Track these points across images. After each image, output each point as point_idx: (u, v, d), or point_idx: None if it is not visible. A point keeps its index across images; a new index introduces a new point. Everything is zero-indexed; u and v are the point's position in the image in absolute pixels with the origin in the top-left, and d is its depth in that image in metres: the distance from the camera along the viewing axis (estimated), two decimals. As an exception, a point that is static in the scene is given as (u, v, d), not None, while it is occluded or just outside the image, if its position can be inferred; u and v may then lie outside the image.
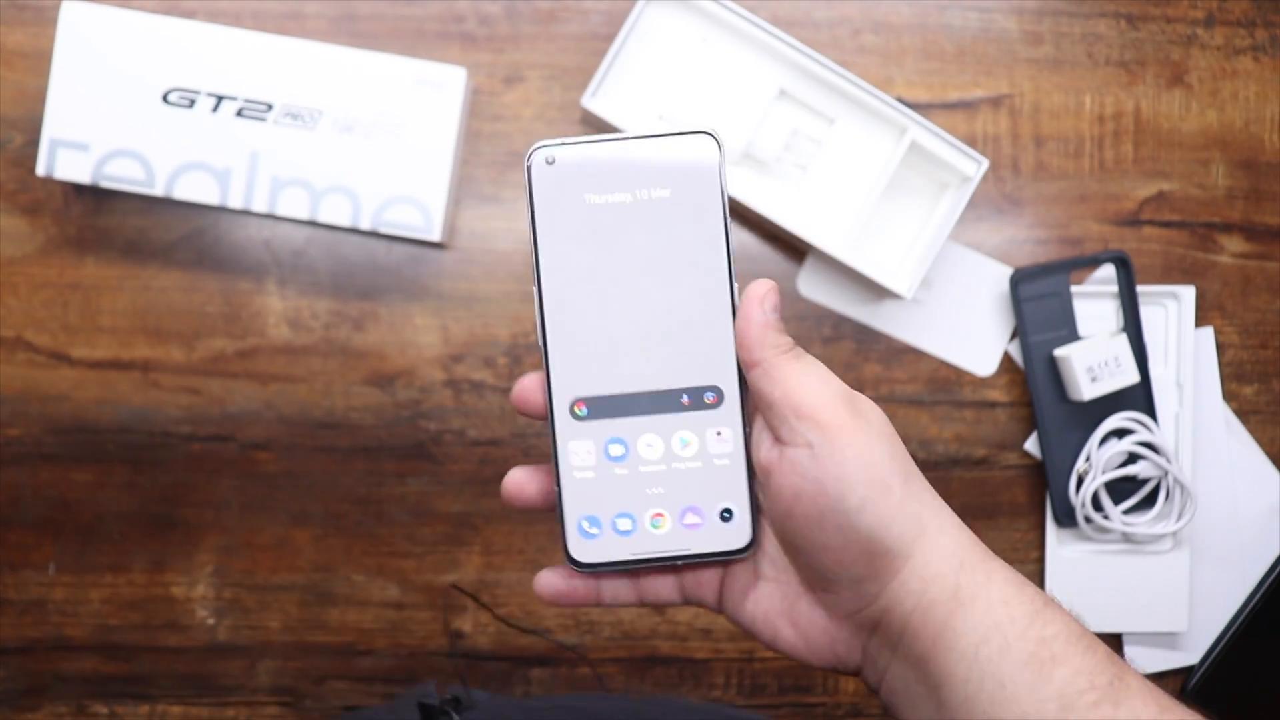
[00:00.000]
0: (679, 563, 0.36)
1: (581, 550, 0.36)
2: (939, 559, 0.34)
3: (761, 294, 0.35)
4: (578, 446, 0.36)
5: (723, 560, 0.36)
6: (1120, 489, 0.65)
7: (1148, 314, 0.65)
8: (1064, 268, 0.64)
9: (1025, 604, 0.33)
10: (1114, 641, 0.67)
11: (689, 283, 0.35)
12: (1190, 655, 0.67)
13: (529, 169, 0.35)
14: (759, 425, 0.36)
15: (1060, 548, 0.66)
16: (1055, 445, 0.65)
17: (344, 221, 0.58)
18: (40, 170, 0.58)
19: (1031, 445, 0.66)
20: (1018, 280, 0.64)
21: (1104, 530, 0.65)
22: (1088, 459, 0.64)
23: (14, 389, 0.63)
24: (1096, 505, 0.65)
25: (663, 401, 0.36)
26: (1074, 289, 0.65)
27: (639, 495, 0.36)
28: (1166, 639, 0.67)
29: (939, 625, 0.33)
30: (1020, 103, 0.65)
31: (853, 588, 0.35)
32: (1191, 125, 0.66)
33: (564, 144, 0.35)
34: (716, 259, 0.35)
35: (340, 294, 0.64)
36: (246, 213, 0.60)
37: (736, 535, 0.36)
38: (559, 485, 0.36)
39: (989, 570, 0.34)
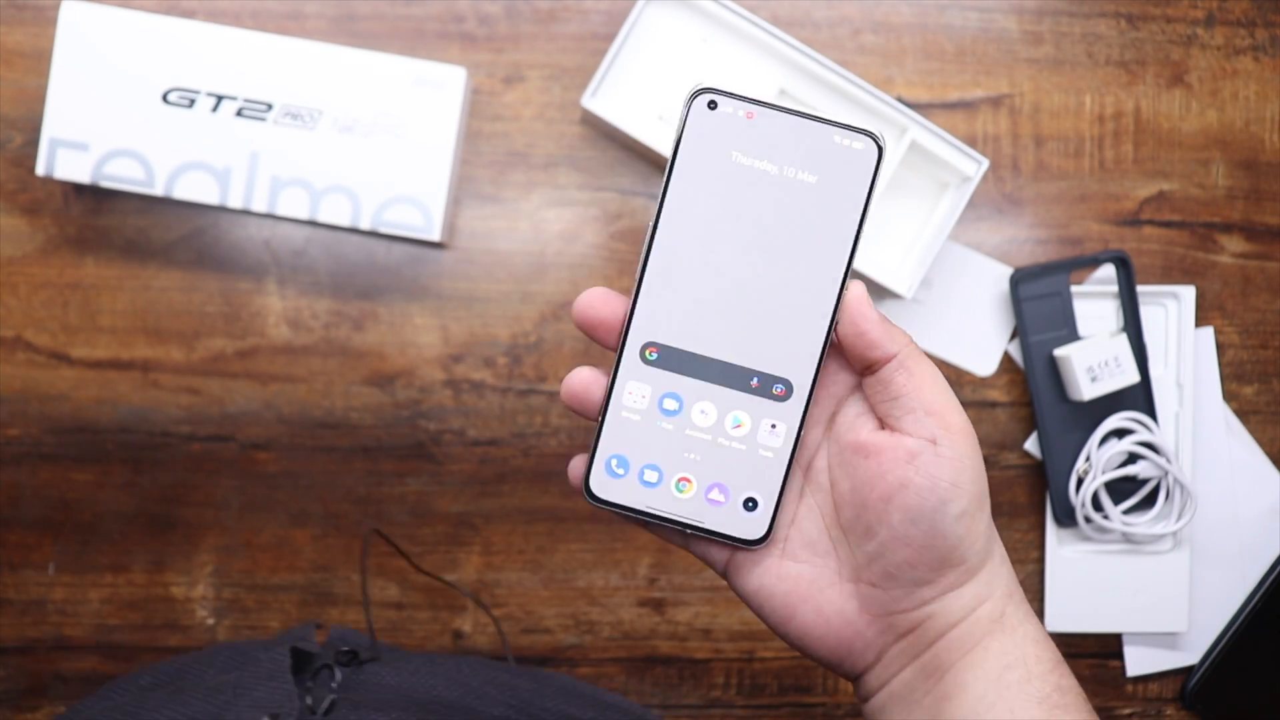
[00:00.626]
0: (687, 531, 0.36)
1: (602, 485, 0.36)
2: (997, 582, 0.35)
3: (864, 295, 0.35)
4: (635, 387, 0.36)
5: (731, 544, 0.36)
6: (1120, 489, 0.65)
7: (1148, 314, 0.65)
8: (1064, 268, 0.64)
9: (1051, 650, 0.35)
10: (1114, 642, 0.67)
11: (801, 273, 0.35)
12: (1190, 655, 0.67)
13: (688, 107, 0.35)
14: (858, 410, 0.36)
15: (1060, 547, 0.66)
16: (1055, 445, 0.65)
17: (344, 221, 0.58)
18: (40, 170, 0.58)
19: (1031, 445, 0.66)
20: (1018, 280, 0.64)
21: (1104, 530, 0.65)
22: (1088, 459, 0.64)
23: (14, 389, 0.63)
24: (1096, 505, 0.65)
25: (733, 376, 0.36)
26: (1074, 289, 0.65)
27: (675, 455, 0.36)
28: (1166, 639, 0.67)
29: (974, 643, 0.34)
30: (1020, 102, 0.65)
31: (910, 589, 0.35)
32: (1192, 125, 0.66)
33: (732, 95, 0.35)
34: (837, 260, 0.35)
35: (340, 294, 0.64)
36: (246, 212, 0.60)
37: (754, 526, 0.36)
38: (604, 415, 0.36)
39: (1027, 611, 0.36)
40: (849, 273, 0.35)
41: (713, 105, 0.35)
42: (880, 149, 0.35)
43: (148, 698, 0.44)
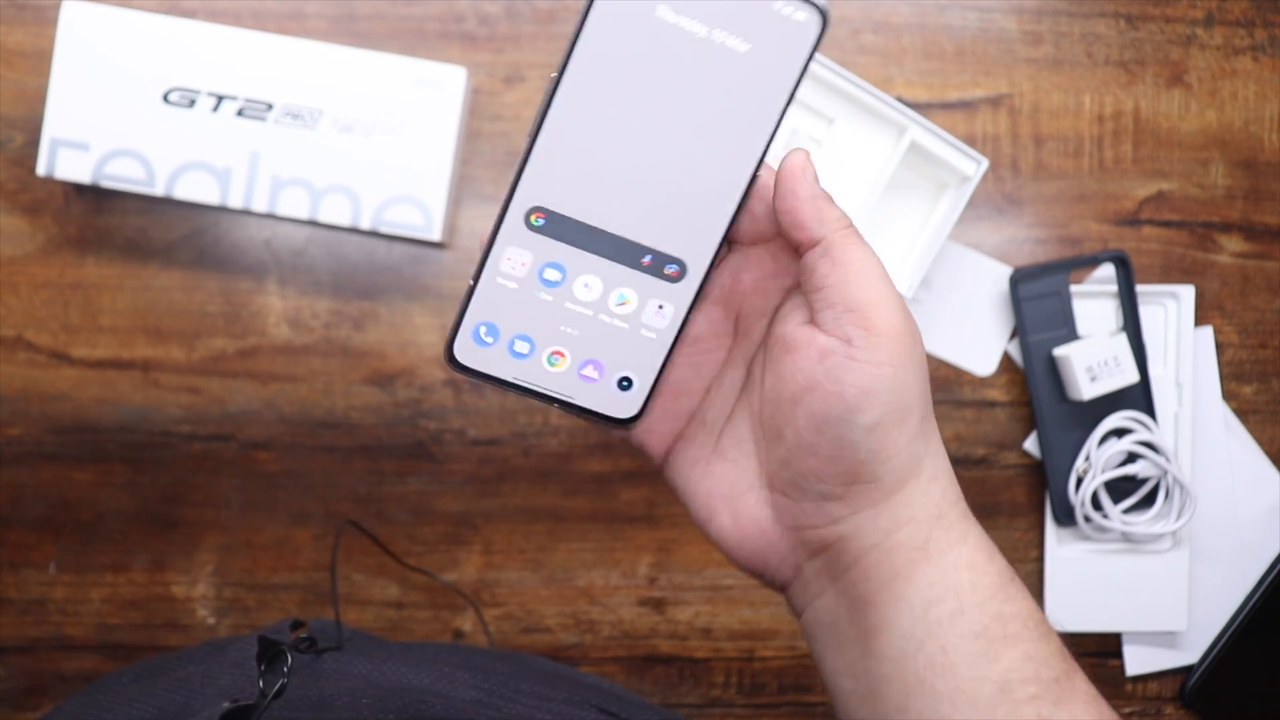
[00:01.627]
0: (556, 405, 0.34)
1: (466, 351, 0.34)
2: (920, 504, 0.31)
3: (802, 165, 0.31)
4: (515, 253, 0.33)
5: (601, 422, 0.34)
6: (1120, 488, 0.65)
7: (1147, 313, 0.65)
8: (1063, 267, 0.64)
9: (992, 575, 0.31)
10: (1114, 641, 0.67)
11: (715, 149, 0.32)
12: (1189, 655, 0.67)
13: None
14: (797, 301, 0.33)
15: (1060, 547, 0.66)
16: (1055, 444, 0.65)
17: (344, 221, 0.58)
18: (40, 170, 0.58)
19: (1031, 445, 0.66)
20: (1017, 280, 0.64)
21: (1103, 530, 0.65)
22: (1087, 458, 0.64)
23: (14, 388, 0.63)
24: (1096, 505, 0.65)
25: (624, 251, 0.33)
26: (1073, 288, 0.65)
27: (551, 327, 0.34)
28: (1166, 638, 0.67)
29: (894, 572, 0.31)
30: (1020, 102, 0.65)
31: (818, 502, 0.32)
32: (1191, 125, 0.66)
33: None
34: (756, 139, 0.31)
35: (340, 294, 0.64)
36: (247, 212, 0.61)
37: (626, 405, 0.34)
38: (476, 279, 0.34)
39: (964, 531, 0.32)
40: (766, 153, 0.32)
41: None
42: (825, 21, 0.31)
43: (124, 692, 0.44)
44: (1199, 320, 0.66)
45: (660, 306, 0.33)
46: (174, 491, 0.64)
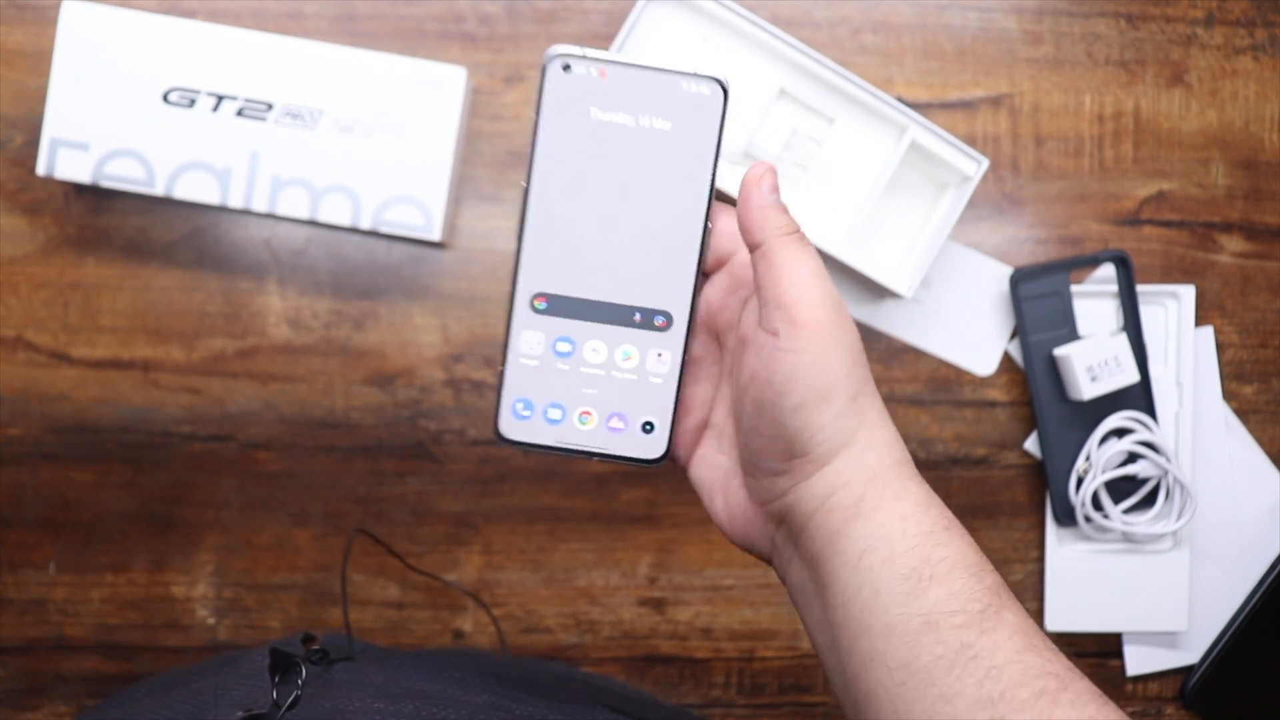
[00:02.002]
0: (594, 458, 0.39)
1: (510, 427, 0.39)
2: (852, 470, 0.35)
3: (759, 175, 0.36)
4: (529, 336, 0.39)
5: (635, 465, 0.39)
6: (1120, 488, 0.65)
7: (1147, 313, 0.65)
8: (1064, 267, 0.64)
9: (924, 524, 0.34)
10: (1114, 641, 0.67)
11: (667, 213, 0.37)
12: (1190, 655, 0.67)
13: (544, 70, 0.37)
14: (752, 304, 0.38)
15: (1060, 547, 0.66)
16: (1055, 445, 0.65)
17: (344, 221, 0.58)
18: (40, 170, 0.58)
19: (1031, 445, 0.66)
20: (1018, 280, 0.64)
21: (1104, 530, 0.65)
22: (1088, 458, 0.64)
23: (14, 389, 0.63)
24: (1096, 505, 0.65)
25: (616, 314, 0.38)
26: (1074, 288, 0.65)
27: (574, 392, 0.39)
28: (1166, 638, 0.67)
29: (834, 530, 0.35)
30: (1020, 102, 0.65)
31: (769, 478, 0.36)
32: (1191, 125, 0.66)
33: (584, 55, 0.37)
34: (697, 198, 0.37)
35: (340, 294, 0.64)
36: (247, 212, 0.61)
37: (653, 446, 0.39)
38: (504, 365, 0.39)
39: (900, 489, 0.35)
40: (711, 206, 0.37)
41: (567, 67, 0.37)
42: (725, 91, 0.37)
43: (137, 705, 0.45)
44: (1199, 320, 0.66)
45: (659, 354, 0.39)
46: (174, 492, 0.64)
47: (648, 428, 0.39)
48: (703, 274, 0.38)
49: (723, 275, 0.39)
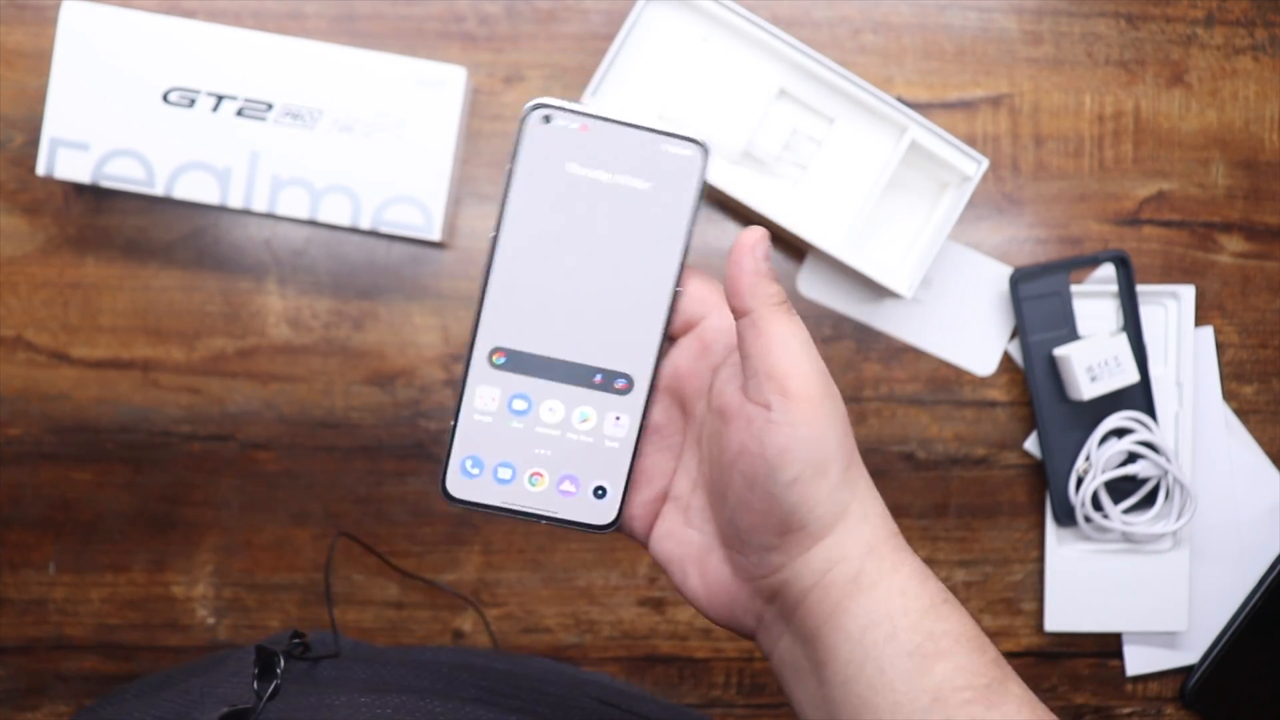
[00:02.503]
0: (542, 522, 0.38)
1: (458, 485, 0.38)
2: (849, 544, 0.34)
3: (753, 242, 0.35)
4: (485, 391, 0.37)
5: (585, 530, 0.38)
6: (1120, 488, 0.65)
7: (1147, 313, 0.65)
8: (1064, 267, 0.64)
9: (923, 598, 0.34)
10: (1114, 641, 0.67)
11: (636, 275, 0.37)
12: (1190, 655, 0.67)
13: (523, 121, 0.36)
14: (731, 370, 0.36)
15: (1060, 547, 0.66)
16: (1055, 445, 0.65)
17: (344, 221, 0.58)
18: (40, 170, 0.58)
19: (1031, 445, 0.66)
20: (1017, 280, 0.64)
21: (1104, 530, 0.65)
22: (1087, 458, 0.64)
23: (14, 388, 0.63)
24: (1096, 505, 0.65)
25: (576, 374, 0.37)
26: (1074, 288, 0.65)
27: (526, 452, 0.38)
28: (1166, 638, 0.67)
29: (833, 605, 0.34)
30: (1020, 102, 0.65)
31: (761, 554, 0.35)
32: (1191, 125, 0.66)
33: (563, 108, 0.36)
34: (670, 261, 0.36)
35: (340, 293, 0.64)
36: (246, 212, 0.60)
37: (603, 512, 0.38)
38: (456, 419, 0.37)
39: (896, 561, 0.35)
40: (682, 272, 0.37)
41: (547, 119, 0.36)
42: (706, 153, 0.36)
43: (127, 705, 0.45)
44: (1199, 320, 0.66)
45: (617, 418, 0.38)
46: (174, 492, 0.64)
47: (599, 493, 0.38)
48: (668, 338, 0.38)
49: (691, 339, 0.38)
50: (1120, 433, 0.65)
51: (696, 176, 0.36)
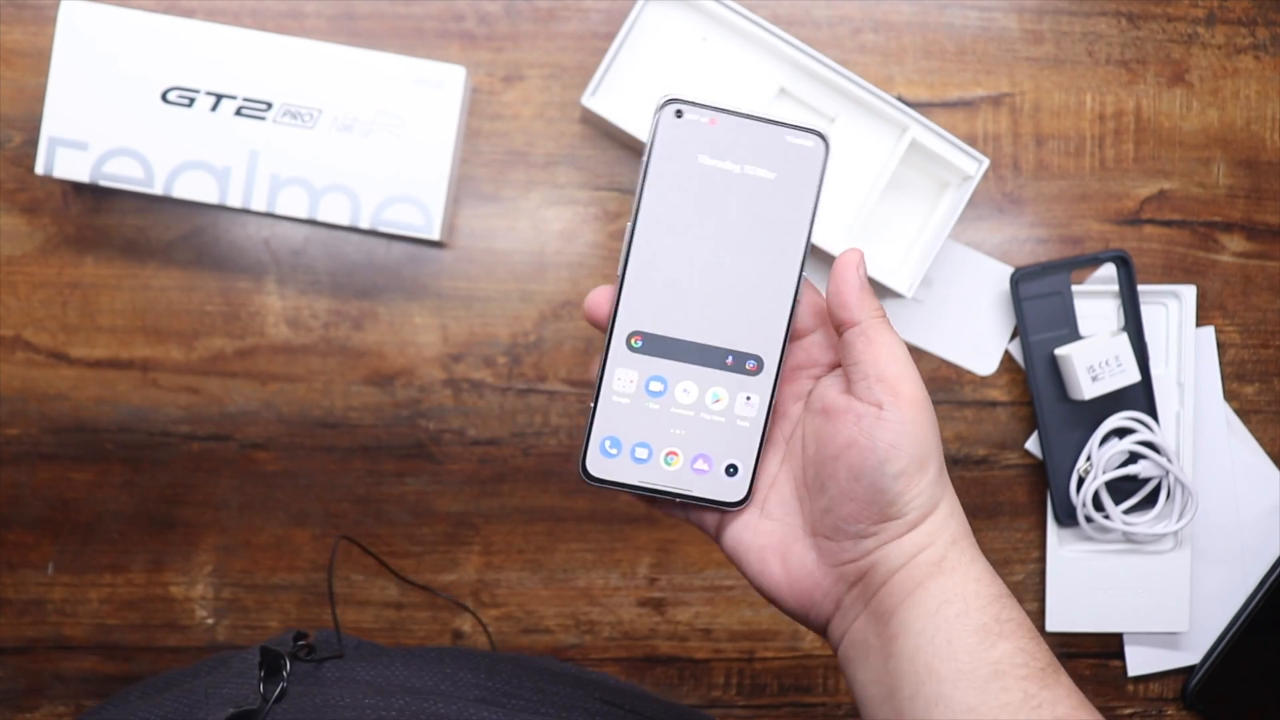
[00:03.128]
0: (677, 499, 0.40)
1: (598, 465, 0.40)
2: (938, 533, 0.38)
3: (856, 261, 0.38)
4: (623, 374, 0.39)
5: (717, 508, 0.40)
6: (1121, 488, 0.65)
7: (1149, 313, 0.65)
8: (1065, 267, 0.64)
9: (995, 587, 0.37)
10: (1115, 641, 0.67)
11: (765, 260, 0.38)
12: (1191, 655, 0.67)
13: (658, 116, 0.38)
14: (834, 374, 0.40)
15: (1061, 547, 0.66)
16: (1056, 445, 0.65)
17: (343, 220, 0.58)
18: (39, 169, 0.58)
19: (1032, 445, 0.66)
20: (1018, 279, 0.64)
21: (1105, 530, 0.65)
22: (1088, 458, 0.64)
23: (13, 388, 0.63)
24: (1097, 505, 0.64)
25: (709, 356, 0.39)
26: (1075, 288, 0.64)
27: (662, 432, 0.39)
28: (1167, 639, 0.67)
29: (915, 584, 0.37)
30: (1021, 101, 0.65)
31: (855, 540, 0.38)
32: (1192, 124, 0.66)
33: (695, 104, 0.38)
34: (795, 247, 0.38)
35: (340, 293, 0.64)
36: (246, 211, 0.60)
37: (736, 489, 0.40)
38: (596, 402, 0.39)
39: (974, 555, 0.38)
40: (807, 256, 0.39)
41: (679, 114, 0.38)
42: (827, 145, 0.38)
43: (131, 706, 0.45)
44: (1200, 320, 0.66)
45: (748, 398, 0.39)
46: (173, 492, 0.64)
47: (731, 470, 0.40)
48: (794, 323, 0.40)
49: (796, 350, 0.41)
50: (1121, 433, 0.65)
51: (819, 166, 0.38)
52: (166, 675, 0.49)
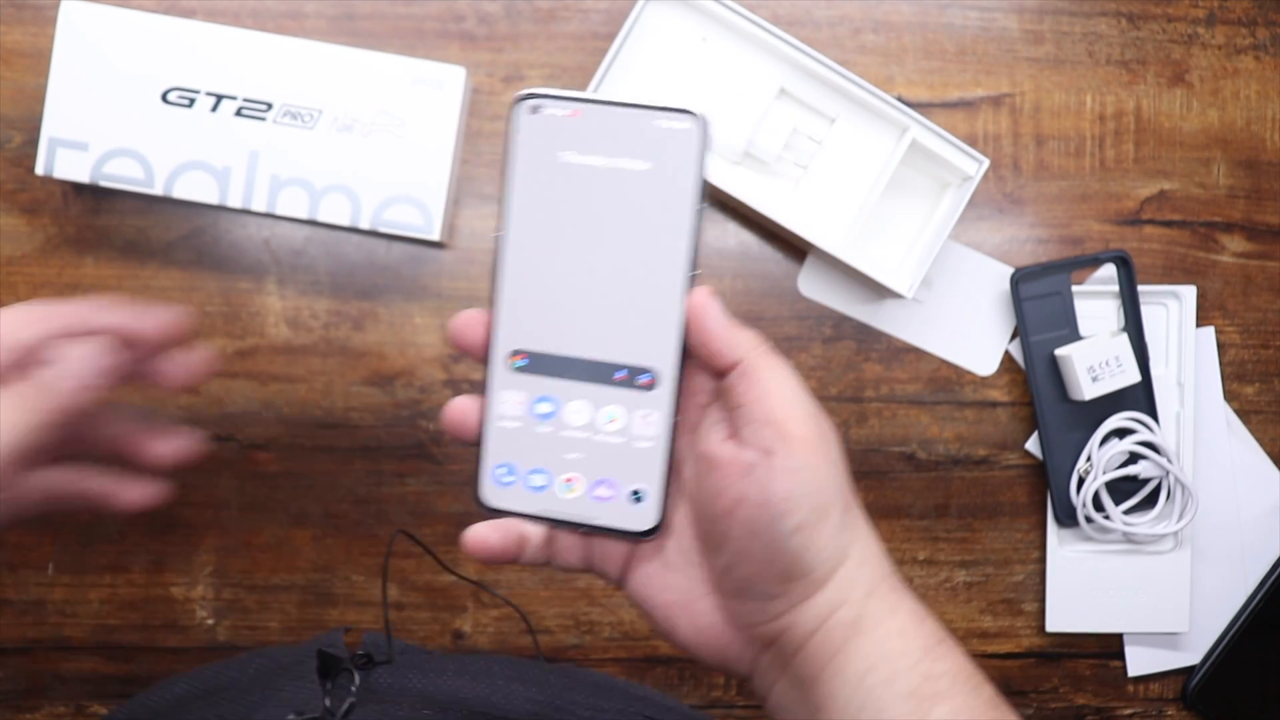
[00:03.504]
0: (582, 530, 0.36)
1: (492, 494, 0.36)
2: (850, 588, 0.34)
3: (704, 302, 0.34)
4: (508, 396, 0.36)
5: (625, 538, 0.36)
6: (1121, 489, 0.65)
7: (1149, 313, 0.65)
8: (1065, 267, 0.64)
9: (922, 639, 0.34)
10: (1115, 642, 0.67)
11: (647, 261, 0.35)
12: (1191, 656, 0.67)
13: (512, 114, 0.35)
14: (715, 417, 0.36)
15: (1061, 548, 0.66)
16: (1056, 445, 0.65)
17: (343, 221, 0.58)
18: (39, 169, 0.58)
19: (1032, 445, 0.66)
20: (1018, 280, 0.64)
21: (1105, 530, 0.65)
22: (1089, 459, 0.64)
23: (13, 389, 0.63)
24: (1097, 505, 0.65)
25: (598, 372, 0.36)
26: (1075, 288, 0.64)
27: (557, 456, 0.36)
28: (1167, 639, 0.67)
29: (833, 650, 0.33)
30: (1021, 102, 0.65)
31: (761, 602, 0.34)
32: (1192, 124, 0.66)
33: (551, 95, 0.35)
34: (679, 245, 0.34)
35: (340, 293, 0.64)
36: (246, 212, 0.60)
37: (644, 517, 0.36)
38: (483, 428, 0.36)
39: (895, 603, 0.34)
40: (695, 253, 0.35)
41: (536, 109, 0.35)
42: (704, 124, 0.34)
43: (185, 704, 0.44)
44: (1201, 320, 0.66)
45: (645, 415, 0.35)
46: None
47: (637, 496, 0.36)
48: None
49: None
50: (1121, 433, 0.65)
51: (696, 149, 0.34)
52: (210, 669, 0.47)
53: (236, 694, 0.43)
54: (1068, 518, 0.65)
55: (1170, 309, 0.65)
